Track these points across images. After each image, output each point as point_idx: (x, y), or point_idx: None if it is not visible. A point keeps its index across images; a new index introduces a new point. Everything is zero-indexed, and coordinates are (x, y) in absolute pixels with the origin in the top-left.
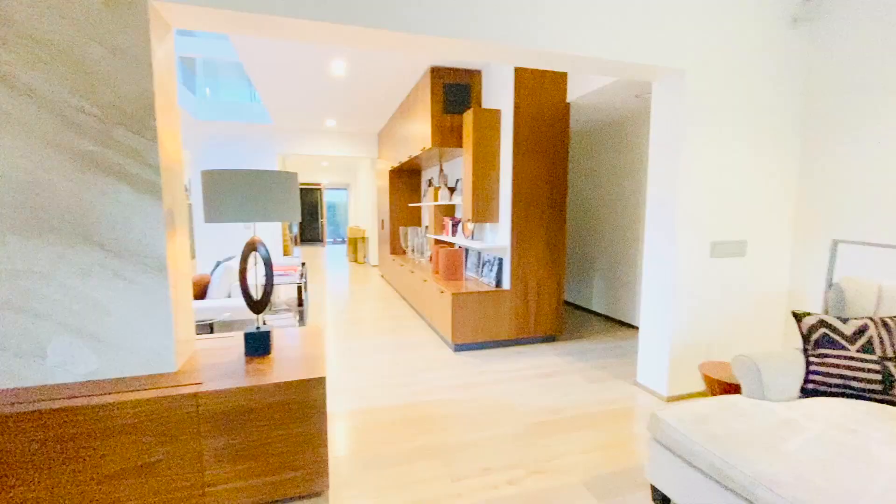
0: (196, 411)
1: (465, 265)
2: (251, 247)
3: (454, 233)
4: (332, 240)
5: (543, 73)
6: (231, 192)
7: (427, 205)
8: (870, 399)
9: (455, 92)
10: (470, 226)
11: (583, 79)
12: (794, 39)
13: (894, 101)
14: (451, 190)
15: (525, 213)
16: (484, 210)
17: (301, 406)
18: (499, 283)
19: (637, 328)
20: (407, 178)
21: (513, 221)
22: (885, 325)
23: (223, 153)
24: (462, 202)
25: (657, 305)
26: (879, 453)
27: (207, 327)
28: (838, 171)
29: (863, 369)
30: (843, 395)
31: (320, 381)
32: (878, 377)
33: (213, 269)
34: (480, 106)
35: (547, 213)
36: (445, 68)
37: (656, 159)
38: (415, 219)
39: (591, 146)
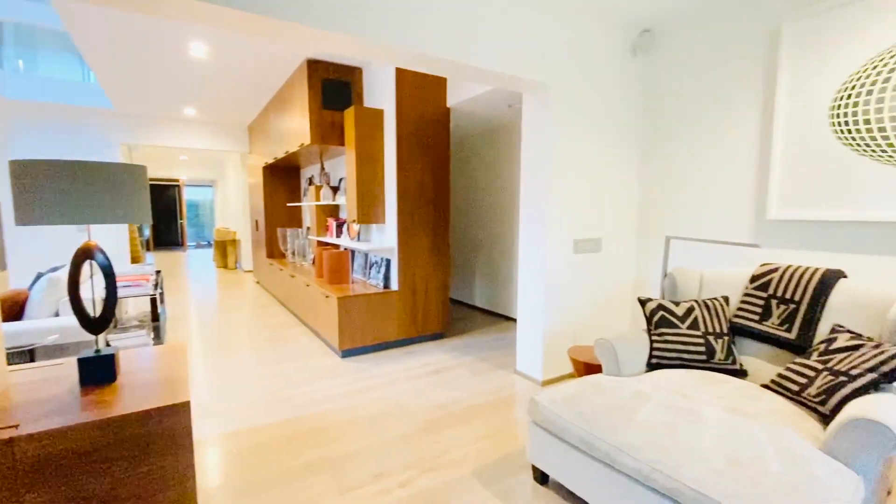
0: (11, 462)
1: (352, 267)
2: (85, 254)
3: (339, 234)
4: (194, 243)
5: (425, 76)
6: (51, 188)
7: (308, 205)
8: (698, 367)
9: (335, 88)
10: (356, 227)
11: (461, 85)
12: (635, 65)
13: (705, 121)
14: (335, 189)
15: (411, 214)
16: (370, 211)
17: (160, 438)
18: (387, 284)
19: (515, 320)
20: (284, 176)
21: (399, 222)
22: (706, 305)
23: (45, 140)
24: (346, 202)
25: (531, 298)
26: (707, 413)
27: (26, 354)
28: (668, 178)
29: (692, 343)
30: (679, 366)
31: (183, 407)
32: (703, 349)
33: (33, 283)
34: (362, 104)
35: (432, 214)
36: (324, 62)
37: (527, 165)
38: (295, 220)
39: (471, 150)
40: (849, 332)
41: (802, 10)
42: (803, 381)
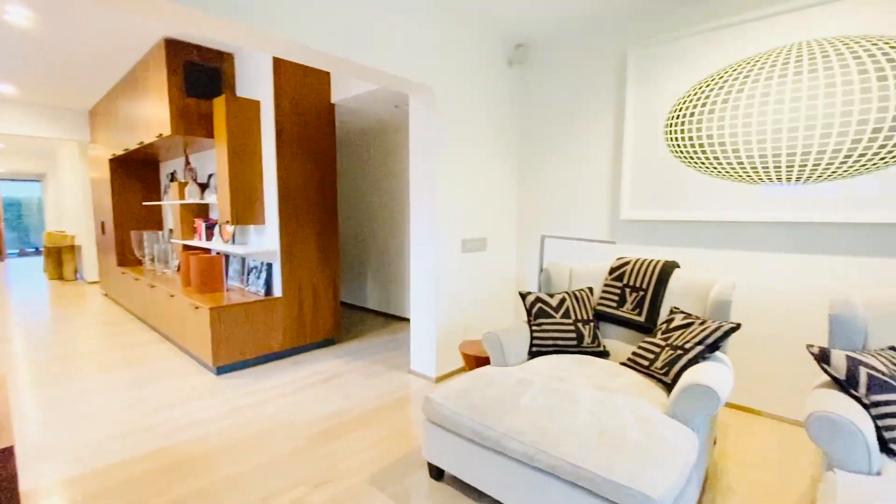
0: None
1: (227, 274)
2: None
3: (210, 237)
4: (16, 251)
5: (306, 69)
6: None
7: (170, 204)
8: (571, 352)
9: (200, 73)
10: (230, 228)
11: (346, 82)
12: (511, 75)
13: (571, 131)
14: (203, 187)
15: (295, 215)
16: (246, 211)
17: None
18: (269, 290)
19: (409, 320)
20: (138, 171)
21: (281, 223)
22: (576, 296)
23: None
24: (218, 201)
25: (424, 297)
26: (580, 392)
27: None
28: (543, 182)
29: (565, 331)
30: (555, 351)
31: (4, 455)
32: (574, 335)
33: None
34: (235, 94)
35: (318, 214)
36: (186, 44)
37: (416, 166)
38: (153, 221)
39: (361, 149)
40: (683, 312)
41: (643, 41)
42: (651, 356)
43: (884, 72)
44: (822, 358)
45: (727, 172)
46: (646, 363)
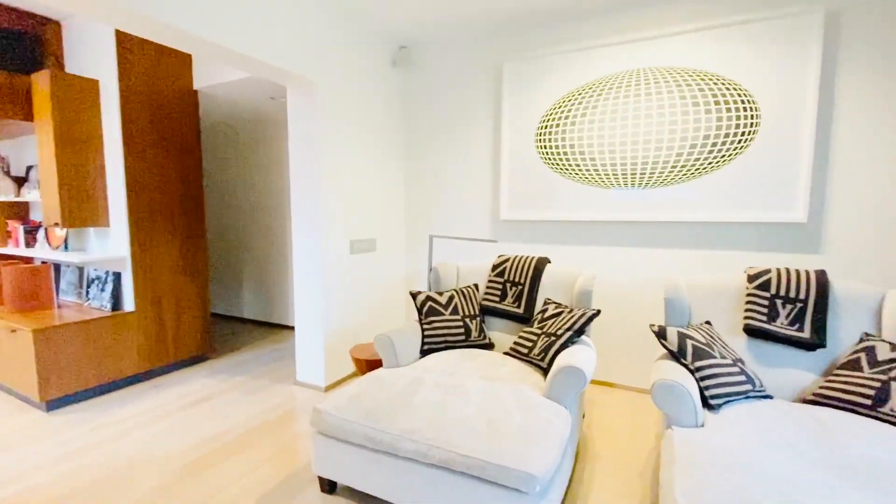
0: None
1: (58, 287)
2: None
3: (32, 243)
4: None
5: (161, 48)
6: None
7: None
8: (460, 347)
9: (13, 41)
10: (60, 232)
11: (211, 66)
12: (397, 76)
13: (455, 134)
14: (19, 181)
15: (150, 215)
16: (82, 210)
17: None
18: (117, 304)
19: (293, 328)
20: None
21: (132, 225)
22: (463, 293)
23: None
24: (42, 199)
25: (310, 303)
26: (469, 385)
27: None
28: (429, 183)
29: (454, 327)
30: (445, 348)
31: None
32: (462, 330)
33: None
34: (62, 69)
35: (181, 213)
36: None
37: (297, 164)
38: None
39: (234, 143)
40: (555, 303)
41: (516, 54)
42: (530, 344)
43: (696, 99)
44: (661, 334)
45: (586, 178)
46: (525, 351)
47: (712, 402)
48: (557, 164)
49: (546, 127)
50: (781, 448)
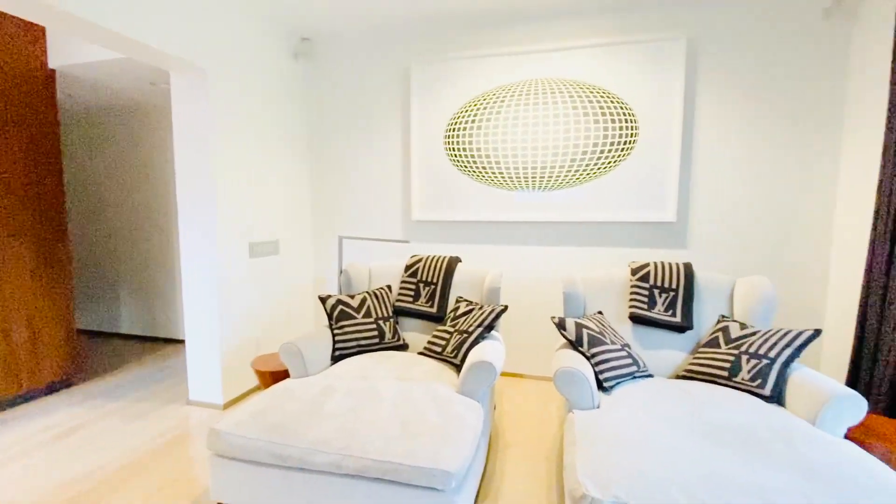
0: None
1: None
2: None
3: None
4: None
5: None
6: None
7: None
8: (374, 350)
9: None
10: None
11: (70, 42)
12: (299, 69)
13: (365, 132)
14: None
15: None
16: None
17: None
18: None
19: (183, 342)
20: None
21: None
22: (376, 295)
23: None
24: None
25: (202, 313)
26: (383, 387)
27: None
28: (338, 182)
29: (367, 330)
30: (358, 352)
31: None
32: (375, 333)
33: None
34: None
35: (33, 217)
36: None
37: (184, 158)
38: None
39: (108, 133)
40: (466, 301)
41: (422, 58)
42: (443, 343)
43: (586, 110)
44: (561, 325)
45: (492, 181)
46: (439, 349)
47: (606, 384)
48: (466, 167)
49: (454, 130)
50: (663, 420)
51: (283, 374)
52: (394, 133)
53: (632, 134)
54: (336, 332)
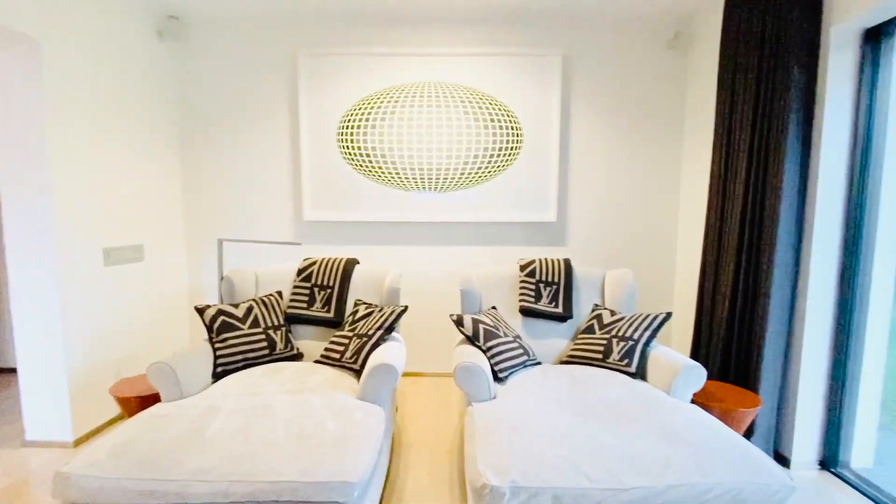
0: None
1: None
2: None
3: None
4: None
5: None
6: None
7: None
8: (264, 362)
9: None
10: None
11: None
12: (167, 52)
13: (246, 125)
14: None
15: None
16: None
17: None
18: None
19: (14, 371)
20: None
21: None
22: (264, 302)
23: None
24: None
25: (40, 334)
26: (276, 402)
27: None
28: (215, 179)
29: (255, 341)
30: (245, 366)
31: None
32: (265, 344)
33: None
34: None
35: None
36: None
37: (10, 148)
38: None
39: None
40: (365, 303)
41: (311, 50)
42: (342, 348)
43: (477, 115)
44: (459, 322)
45: (388, 181)
46: (337, 356)
47: (500, 375)
48: (361, 166)
49: (347, 127)
50: (550, 402)
51: (153, 399)
52: (281, 127)
53: (518, 141)
54: (218, 345)
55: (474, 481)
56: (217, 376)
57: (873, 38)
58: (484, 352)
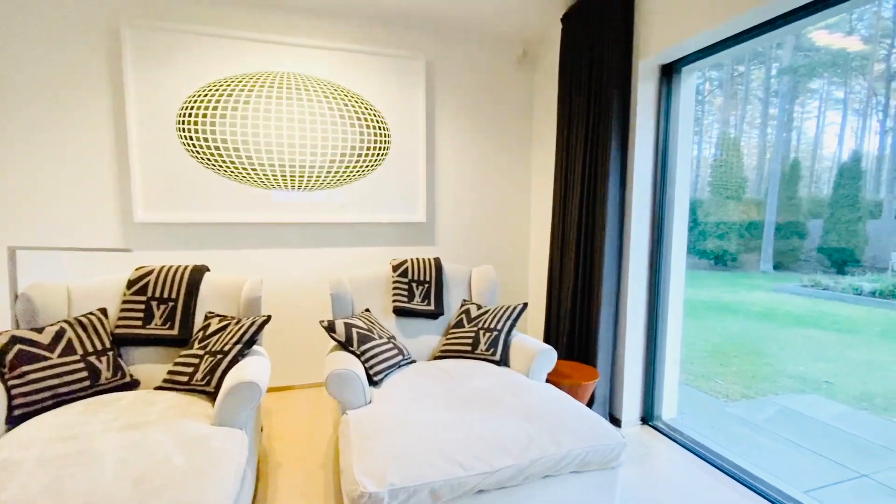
0: None
1: None
2: None
3: None
4: None
5: None
6: None
7: None
8: (84, 397)
9: None
10: None
11: None
12: None
13: (45, 117)
14: None
15: None
16: None
17: None
18: None
19: None
20: None
21: None
22: (81, 323)
23: None
24: None
25: None
26: (102, 444)
27: None
28: (9, 170)
29: (69, 372)
30: (56, 405)
31: None
32: (85, 374)
33: None
34: None
35: None
36: None
37: None
38: None
39: None
40: (218, 315)
41: (140, 20)
42: (190, 370)
43: (343, 113)
44: (330, 328)
45: (244, 177)
46: (185, 379)
47: (375, 378)
48: (209, 160)
49: (189, 115)
50: (425, 398)
51: None
52: (100, 111)
53: (385, 141)
54: (13, 382)
55: (351, 492)
56: (16, 421)
57: (667, 73)
58: (358, 356)
